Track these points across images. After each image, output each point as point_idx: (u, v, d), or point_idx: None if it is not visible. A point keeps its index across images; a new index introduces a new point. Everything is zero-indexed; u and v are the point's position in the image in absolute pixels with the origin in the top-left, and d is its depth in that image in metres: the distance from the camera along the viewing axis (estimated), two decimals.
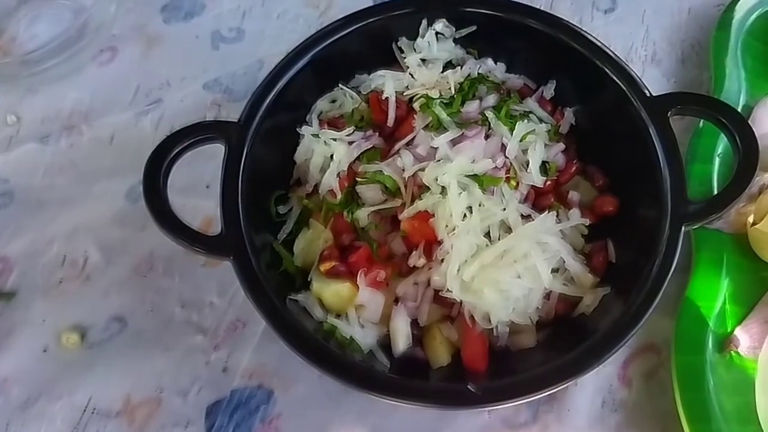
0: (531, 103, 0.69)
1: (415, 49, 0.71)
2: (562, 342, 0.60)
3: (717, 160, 0.72)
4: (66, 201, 0.75)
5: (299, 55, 0.67)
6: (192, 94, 0.81)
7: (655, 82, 0.69)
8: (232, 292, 0.70)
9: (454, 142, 0.63)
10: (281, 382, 0.66)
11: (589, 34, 0.68)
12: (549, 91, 0.72)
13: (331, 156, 0.66)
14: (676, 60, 0.83)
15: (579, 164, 0.68)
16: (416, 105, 0.67)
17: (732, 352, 0.63)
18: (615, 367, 0.66)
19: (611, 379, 0.66)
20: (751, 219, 0.68)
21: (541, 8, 0.72)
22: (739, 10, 0.81)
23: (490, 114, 0.65)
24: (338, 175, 0.65)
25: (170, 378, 0.66)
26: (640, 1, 0.87)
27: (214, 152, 0.65)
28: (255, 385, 0.66)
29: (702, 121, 0.74)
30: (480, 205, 0.60)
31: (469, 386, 0.54)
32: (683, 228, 0.59)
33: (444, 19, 0.70)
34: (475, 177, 0.61)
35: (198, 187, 0.74)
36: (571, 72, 0.70)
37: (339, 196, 0.64)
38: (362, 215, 0.63)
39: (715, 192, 0.69)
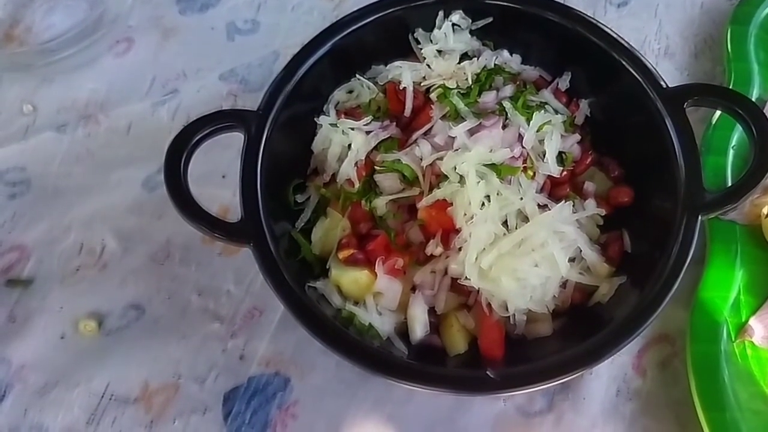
0: (546, 95, 0.70)
1: (431, 40, 0.71)
2: (578, 331, 0.61)
3: (731, 153, 0.72)
4: (83, 189, 0.76)
5: (317, 45, 0.68)
6: (208, 84, 0.82)
7: (668, 75, 0.69)
8: (249, 280, 0.70)
9: (471, 132, 0.63)
10: (298, 370, 0.67)
11: (604, 25, 0.69)
12: (564, 82, 0.72)
13: (349, 145, 0.66)
14: (689, 53, 0.83)
15: (594, 155, 0.69)
16: (433, 95, 0.68)
17: (746, 341, 0.64)
18: (629, 356, 0.66)
19: (626, 369, 0.66)
20: (765, 210, 0.68)
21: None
22: (752, 5, 0.82)
23: (507, 104, 0.65)
24: (356, 164, 0.65)
25: (187, 365, 0.67)
26: None
27: (230, 142, 0.65)
28: (272, 373, 0.66)
29: (716, 113, 0.74)
30: (498, 193, 0.60)
31: (488, 372, 0.55)
32: (699, 218, 0.59)
33: (460, 11, 0.71)
34: (492, 166, 0.62)
35: (214, 177, 0.75)
36: (586, 64, 0.70)
37: (357, 185, 0.65)
38: (380, 204, 0.64)
39: (729, 184, 0.70)
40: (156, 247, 0.72)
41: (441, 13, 0.71)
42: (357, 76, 0.71)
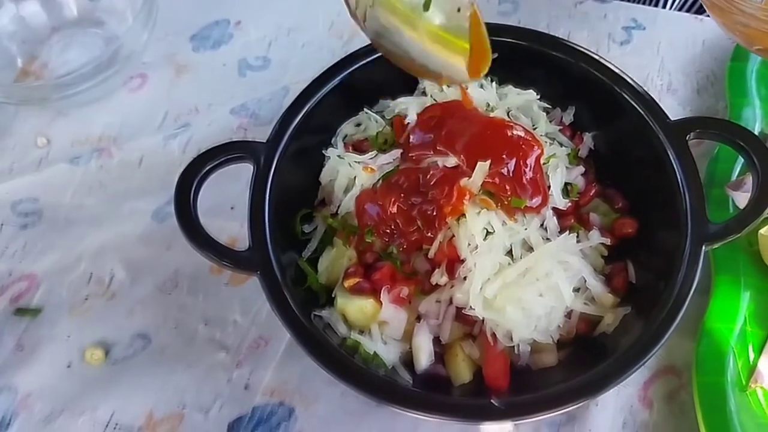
0: (551, 128, 0.71)
1: None
2: (583, 361, 0.61)
3: None
4: (94, 220, 0.77)
5: (326, 78, 0.69)
6: (219, 118, 0.83)
7: (671, 110, 0.70)
8: (255, 310, 0.71)
9: None
10: (302, 400, 0.66)
11: (608, 61, 0.70)
12: (568, 116, 0.73)
13: (355, 178, 0.67)
14: (692, 90, 0.84)
15: (598, 187, 0.70)
16: None
17: (758, 388, 0.63)
18: (636, 388, 0.66)
19: (632, 400, 0.65)
20: (763, 231, 0.67)
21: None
22: None
23: None
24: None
25: (192, 394, 0.67)
26: (654, 33, 0.89)
27: (238, 175, 0.66)
28: (276, 403, 0.66)
29: (718, 146, 0.75)
30: (504, 224, 0.61)
31: (492, 400, 0.55)
32: (704, 248, 0.60)
33: None
34: (492, 196, 0.62)
35: (223, 209, 0.76)
36: (590, 98, 0.71)
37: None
38: None
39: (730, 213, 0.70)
40: (164, 277, 0.73)
41: None
42: (365, 109, 0.73)
